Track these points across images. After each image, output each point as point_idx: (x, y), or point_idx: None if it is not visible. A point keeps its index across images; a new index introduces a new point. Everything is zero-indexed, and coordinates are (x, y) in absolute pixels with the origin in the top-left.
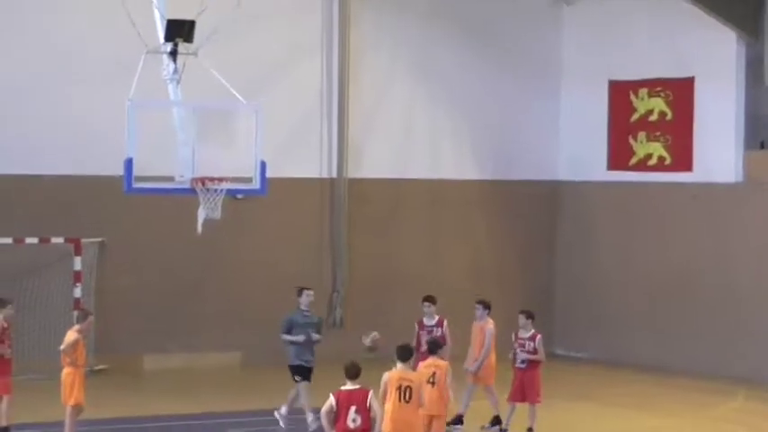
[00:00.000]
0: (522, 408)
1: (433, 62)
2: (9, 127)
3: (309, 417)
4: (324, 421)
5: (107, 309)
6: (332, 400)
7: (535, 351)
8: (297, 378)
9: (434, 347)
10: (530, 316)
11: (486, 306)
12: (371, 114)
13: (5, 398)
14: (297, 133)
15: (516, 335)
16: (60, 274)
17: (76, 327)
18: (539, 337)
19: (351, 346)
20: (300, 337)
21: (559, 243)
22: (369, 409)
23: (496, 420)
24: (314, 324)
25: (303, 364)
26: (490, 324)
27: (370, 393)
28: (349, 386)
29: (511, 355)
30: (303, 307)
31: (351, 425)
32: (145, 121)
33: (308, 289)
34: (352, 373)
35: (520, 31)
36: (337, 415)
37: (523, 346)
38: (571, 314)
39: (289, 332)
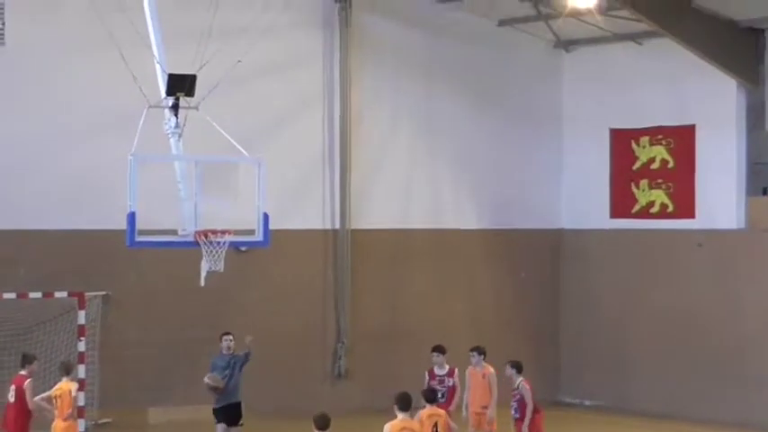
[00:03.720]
0: None
1: (434, 114)
2: (12, 182)
3: None
4: None
5: (111, 362)
6: None
7: (522, 399)
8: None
9: (432, 397)
10: (514, 366)
11: (482, 352)
12: (373, 166)
13: None
14: (299, 185)
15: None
16: (65, 328)
17: (69, 377)
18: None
19: (355, 397)
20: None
21: (563, 291)
22: None
23: None
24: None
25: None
26: (491, 369)
27: None
28: None
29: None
30: (224, 352)
31: None
32: (147, 176)
33: (227, 334)
34: (321, 424)
35: (519, 81)
36: None
37: (515, 396)
38: (577, 362)
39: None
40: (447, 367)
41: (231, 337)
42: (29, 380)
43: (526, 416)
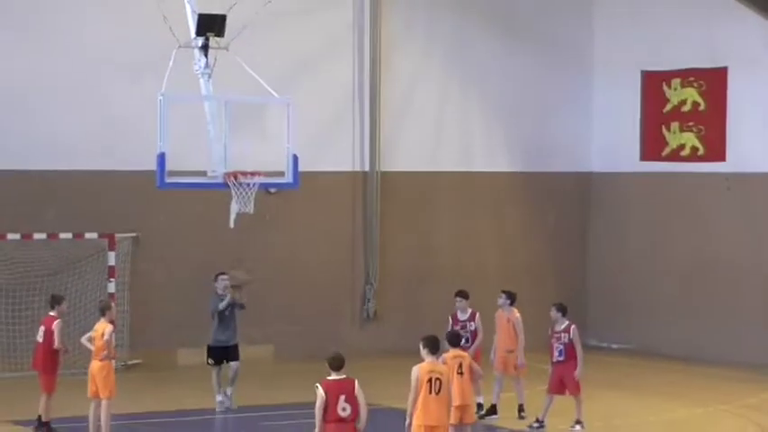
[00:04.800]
0: (560, 400)
1: (465, 55)
2: (41, 124)
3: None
4: (318, 415)
5: (141, 303)
6: (321, 391)
7: (571, 343)
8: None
9: (456, 341)
10: (560, 309)
11: (510, 296)
12: (403, 107)
13: (46, 395)
14: (328, 127)
15: (552, 329)
16: (94, 269)
17: (106, 318)
18: (573, 327)
19: (384, 339)
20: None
21: (592, 234)
22: (356, 399)
23: (492, 410)
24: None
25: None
26: (517, 314)
27: (357, 383)
28: (335, 376)
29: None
30: (220, 292)
31: (341, 413)
32: (177, 116)
33: (222, 274)
34: (336, 364)
35: (551, 23)
36: (326, 404)
37: (559, 338)
38: (604, 305)
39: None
40: (469, 311)
41: (227, 278)
42: (57, 321)
43: (578, 360)
